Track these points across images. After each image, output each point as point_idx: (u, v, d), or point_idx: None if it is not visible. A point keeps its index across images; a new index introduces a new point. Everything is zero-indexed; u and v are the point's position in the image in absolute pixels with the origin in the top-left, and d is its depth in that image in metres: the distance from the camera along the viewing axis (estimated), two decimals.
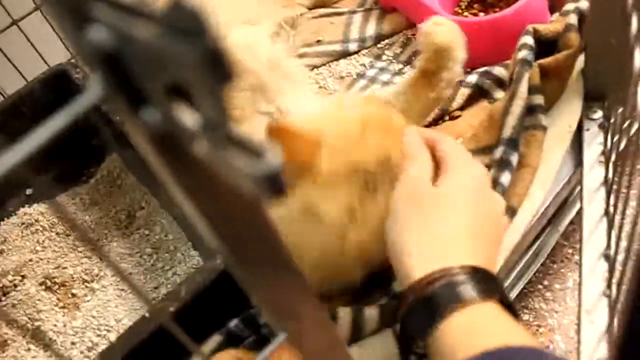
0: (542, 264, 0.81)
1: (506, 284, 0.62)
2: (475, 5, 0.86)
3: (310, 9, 0.97)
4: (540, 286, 0.79)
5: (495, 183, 0.56)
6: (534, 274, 0.80)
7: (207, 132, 0.18)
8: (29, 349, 0.64)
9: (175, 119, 0.19)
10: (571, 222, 0.73)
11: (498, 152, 0.58)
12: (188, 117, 0.19)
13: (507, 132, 0.58)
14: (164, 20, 0.15)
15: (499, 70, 0.73)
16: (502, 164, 0.57)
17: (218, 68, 0.15)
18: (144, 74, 0.19)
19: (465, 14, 0.85)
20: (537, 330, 0.75)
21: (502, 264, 0.56)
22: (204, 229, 0.23)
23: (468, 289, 0.40)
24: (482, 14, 0.84)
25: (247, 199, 0.22)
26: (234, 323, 0.56)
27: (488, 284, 0.41)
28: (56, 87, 0.80)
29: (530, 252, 0.64)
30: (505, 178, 0.56)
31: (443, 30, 0.60)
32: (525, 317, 0.76)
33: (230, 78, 0.15)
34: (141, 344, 0.50)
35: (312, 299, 0.31)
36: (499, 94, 0.72)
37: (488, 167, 0.59)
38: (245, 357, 0.51)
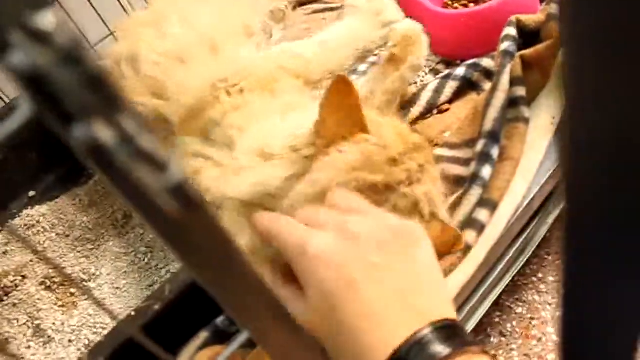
0: (536, 256, 0.81)
1: (493, 276, 0.62)
2: None
3: (301, 4, 0.97)
4: (534, 278, 0.79)
5: (476, 177, 0.57)
6: (529, 266, 0.80)
7: (119, 146, 0.19)
8: (29, 347, 0.66)
9: (95, 135, 0.20)
10: None
11: (479, 145, 0.58)
12: (105, 133, 0.20)
13: (488, 125, 0.59)
14: (59, 51, 0.16)
15: (487, 62, 0.73)
16: (483, 157, 0.57)
17: (102, 88, 0.16)
18: (60, 95, 0.20)
19: (456, 5, 0.85)
20: (530, 322, 0.75)
21: (486, 256, 0.56)
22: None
23: (440, 347, 0.35)
24: (472, 5, 0.84)
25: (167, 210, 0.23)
26: (220, 319, 0.58)
27: (456, 334, 0.36)
28: None
29: (517, 245, 0.64)
30: (486, 171, 0.57)
31: (408, 23, 0.70)
32: (519, 309, 0.76)
33: (117, 100, 0.16)
34: (128, 342, 0.52)
35: (270, 299, 0.32)
36: (488, 86, 0.72)
37: (472, 160, 0.60)
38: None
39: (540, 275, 0.79)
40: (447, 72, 0.75)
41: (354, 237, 0.39)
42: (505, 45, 0.63)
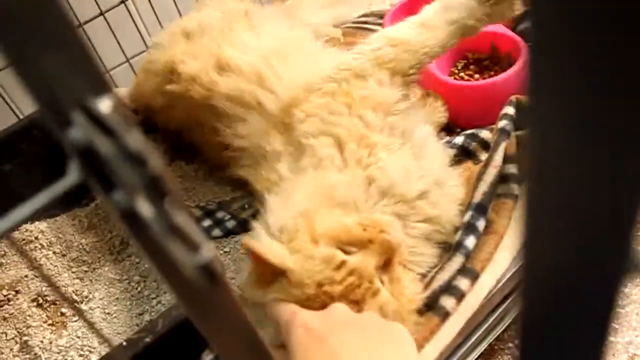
0: (515, 322, 0.83)
1: (470, 341, 0.64)
2: (472, 67, 0.90)
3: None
4: (511, 344, 0.81)
5: (460, 245, 0.60)
6: (507, 331, 0.83)
7: (155, 222, 0.22)
8: None
9: (135, 207, 0.23)
10: None
11: (467, 216, 0.62)
12: (144, 207, 0.23)
13: (477, 197, 0.62)
14: (119, 142, 0.19)
15: (485, 133, 0.77)
16: (469, 228, 0.60)
17: (157, 189, 0.19)
18: (110, 170, 0.23)
19: (462, 74, 0.90)
20: None
21: (464, 325, 0.59)
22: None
23: None
24: (477, 75, 0.88)
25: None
26: (208, 358, 0.60)
27: None
28: None
29: (496, 314, 0.66)
30: (470, 242, 0.60)
31: None
32: None
33: (168, 194, 0.19)
34: None
35: (262, 352, 0.35)
36: (484, 156, 0.76)
37: (458, 229, 0.63)
38: None
39: (517, 341, 0.81)
40: (446, 139, 0.79)
41: (338, 316, 0.48)
42: (502, 124, 0.67)
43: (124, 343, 0.55)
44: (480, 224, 0.61)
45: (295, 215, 0.56)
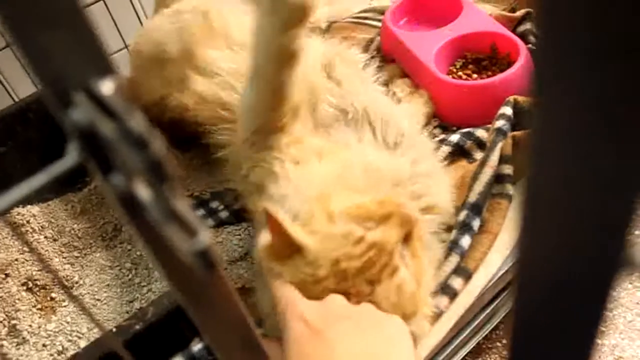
0: (503, 322, 0.84)
1: (459, 339, 0.65)
2: (470, 66, 0.90)
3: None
4: (499, 343, 0.82)
5: (455, 244, 0.60)
6: (495, 331, 0.83)
7: (154, 206, 0.22)
8: (1, 345, 0.68)
9: (133, 189, 0.23)
10: None
11: (462, 215, 0.62)
12: (143, 191, 0.23)
13: (473, 197, 0.62)
14: (121, 124, 0.19)
15: (480, 132, 0.77)
16: (464, 228, 0.61)
17: (158, 172, 0.19)
18: (110, 152, 0.23)
19: (460, 73, 0.90)
20: None
21: (456, 321, 0.59)
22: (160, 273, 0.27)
23: None
24: (475, 75, 0.88)
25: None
26: (197, 347, 0.60)
27: None
28: None
29: (486, 313, 0.67)
30: (465, 241, 0.60)
31: None
32: None
33: (168, 179, 0.19)
34: (106, 356, 0.54)
35: (255, 343, 0.35)
36: (479, 155, 0.76)
37: (452, 228, 0.63)
38: None
39: (504, 340, 0.82)
40: (442, 137, 0.79)
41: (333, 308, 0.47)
42: (499, 124, 0.67)
43: (114, 329, 0.55)
44: (476, 223, 0.61)
45: (308, 199, 0.55)
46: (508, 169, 0.64)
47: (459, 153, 0.77)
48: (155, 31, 0.84)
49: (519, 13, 0.93)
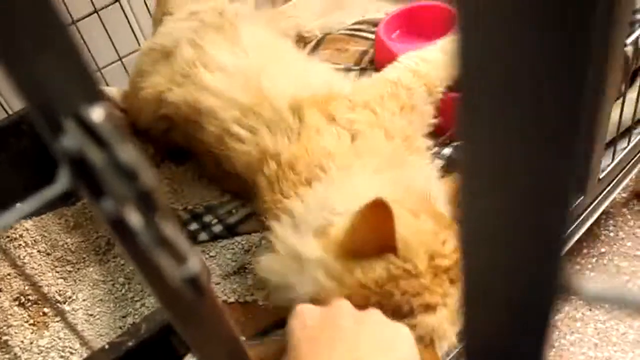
0: None
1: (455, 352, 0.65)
2: None
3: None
4: None
5: None
6: None
7: (144, 232, 0.22)
8: None
9: (124, 215, 0.23)
10: None
11: None
12: (133, 217, 0.23)
13: None
14: (110, 155, 0.19)
15: None
16: None
17: (147, 203, 0.19)
18: (100, 178, 0.23)
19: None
20: None
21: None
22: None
23: None
24: None
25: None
26: None
27: None
28: None
29: None
30: None
31: None
32: None
33: (156, 209, 0.19)
34: None
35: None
36: None
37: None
38: None
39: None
40: (435, 149, 0.79)
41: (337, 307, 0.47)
42: None
43: (106, 346, 0.55)
44: None
45: (367, 196, 0.55)
46: None
47: (451, 166, 0.77)
48: (170, 31, 0.86)
49: None
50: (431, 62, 0.72)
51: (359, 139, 0.64)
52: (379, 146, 0.64)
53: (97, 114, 0.23)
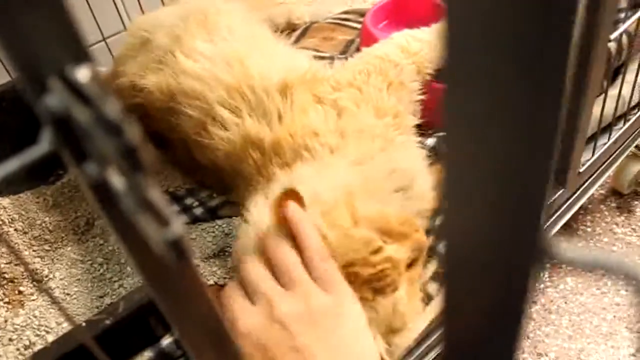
0: None
1: (427, 343, 0.65)
2: None
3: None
4: None
5: (433, 251, 0.60)
6: None
7: (127, 195, 0.22)
8: None
9: (106, 177, 0.23)
10: None
11: (439, 221, 0.62)
12: (116, 179, 0.23)
13: None
14: (95, 111, 0.19)
15: None
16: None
17: (132, 160, 0.19)
18: (84, 140, 0.23)
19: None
20: None
21: (426, 325, 0.60)
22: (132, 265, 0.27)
23: None
24: None
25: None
26: (167, 342, 0.59)
27: None
28: None
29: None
30: (443, 247, 0.60)
31: None
32: None
33: (141, 166, 0.19)
34: (75, 351, 0.53)
35: (225, 338, 0.35)
36: None
37: (429, 231, 0.63)
38: None
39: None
40: (418, 139, 0.79)
41: (279, 320, 0.46)
42: None
43: (83, 324, 0.54)
44: None
45: (335, 188, 0.55)
46: None
47: (434, 157, 0.77)
48: (157, 17, 0.85)
49: None
50: (423, 42, 0.72)
51: (345, 118, 0.64)
52: (367, 124, 0.63)
53: (83, 73, 0.22)
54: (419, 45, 0.71)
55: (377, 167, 0.61)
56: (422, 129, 0.84)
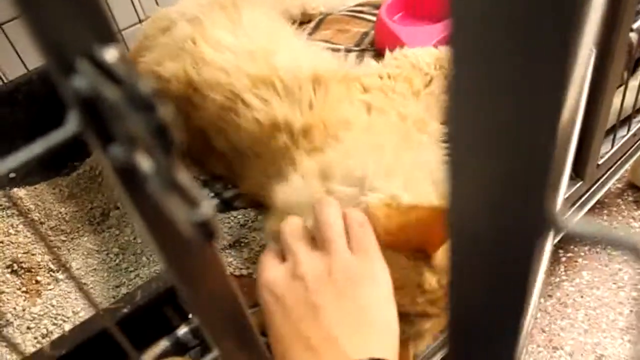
0: None
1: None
2: None
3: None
4: None
5: None
6: None
7: (156, 176, 0.22)
8: None
9: (133, 160, 0.23)
10: None
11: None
12: (144, 161, 0.23)
13: None
14: (126, 89, 0.19)
15: None
16: None
17: (163, 138, 0.18)
18: (111, 121, 0.23)
19: None
20: None
21: None
22: (154, 249, 0.27)
23: None
24: None
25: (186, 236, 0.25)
26: (182, 331, 0.59)
27: None
28: (53, 81, 0.83)
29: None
30: None
31: None
32: None
33: (172, 145, 0.19)
34: (92, 339, 0.53)
35: (248, 329, 0.35)
36: None
37: None
38: None
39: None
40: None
41: (301, 276, 0.46)
42: None
43: (101, 312, 0.54)
44: None
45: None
46: None
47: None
48: (178, 9, 0.85)
49: None
50: None
51: (374, 114, 0.64)
52: (392, 124, 0.63)
53: (110, 53, 0.22)
54: None
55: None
56: None
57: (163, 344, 0.58)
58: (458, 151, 0.19)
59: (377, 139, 0.60)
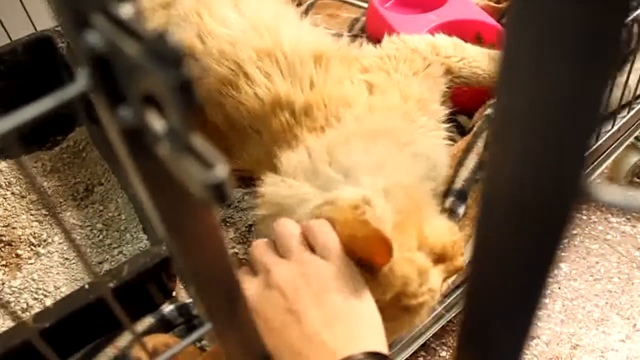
0: None
1: (427, 319, 0.66)
2: None
3: None
4: None
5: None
6: (458, 316, 0.85)
7: (169, 138, 0.22)
8: None
9: (145, 121, 0.23)
10: None
11: (448, 202, 0.62)
12: (156, 122, 0.22)
13: (459, 183, 0.63)
14: (149, 44, 0.19)
15: (462, 119, 0.78)
16: (450, 215, 0.61)
17: (186, 95, 0.18)
18: (125, 79, 0.22)
19: None
20: None
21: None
22: (154, 217, 0.27)
23: None
24: None
25: (196, 200, 0.25)
26: (168, 309, 0.59)
27: None
28: (38, 52, 0.82)
29: (458, 293, 0.68)
30: None
31: None
32: (443, 352, 0.80)
33: (194, 103, 0.18)
34: (77, 313, 0.52)
35: (241, 303, 0.34)
36: (459, 140, 0.77)
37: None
38: (174, 343, 0.54)
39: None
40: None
41: (276, 285, 0.46)
42: (489, 111, 0.68)
43: (86, 286, 0.54)
44: (461, 210, 0.62)
45: (396, 186, 0.53)
46: None
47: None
48: None
49: (505, 4, 0.94)
50: (459, 49, 0.72)
51: (375, 94, 0.64)
52: (393, 105, 0.63)
53: (127, 9, 0.22)
54: (452, 51, 0.71)
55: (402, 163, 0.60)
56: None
57: (148, 320, 0.58)
58: (505, 117, 0.19)
59: (377, 122, 0.60)
